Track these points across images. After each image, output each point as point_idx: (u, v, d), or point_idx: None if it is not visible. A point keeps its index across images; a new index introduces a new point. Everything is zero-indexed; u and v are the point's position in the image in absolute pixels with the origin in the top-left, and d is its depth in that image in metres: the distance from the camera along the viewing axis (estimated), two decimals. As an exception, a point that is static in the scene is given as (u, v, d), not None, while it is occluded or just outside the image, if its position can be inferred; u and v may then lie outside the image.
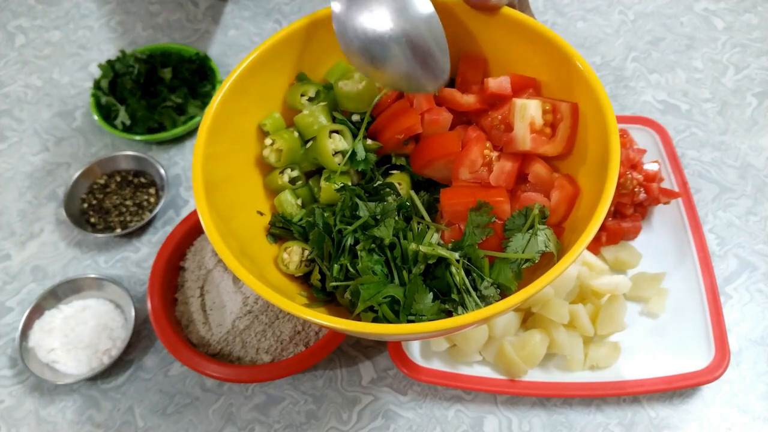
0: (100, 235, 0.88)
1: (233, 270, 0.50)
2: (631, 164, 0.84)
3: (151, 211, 0.92)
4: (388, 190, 0.60)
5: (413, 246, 0.55)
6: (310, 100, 0.63)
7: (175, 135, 0.97)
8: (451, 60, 0.65)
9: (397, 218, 0.57)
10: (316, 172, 0.64)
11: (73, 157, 0.99)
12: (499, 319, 0.74)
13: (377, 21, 0.55)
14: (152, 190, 0.94)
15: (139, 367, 0.80)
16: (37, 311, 0.81)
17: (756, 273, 0.85)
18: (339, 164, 0.60)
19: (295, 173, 0.63)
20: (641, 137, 0.92)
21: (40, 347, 0.79)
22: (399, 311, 0.53)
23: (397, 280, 0.55)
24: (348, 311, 0.57)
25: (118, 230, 0.89)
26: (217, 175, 0.57)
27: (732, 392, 0.77)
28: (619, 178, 0.82)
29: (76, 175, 0.93)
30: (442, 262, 0.55)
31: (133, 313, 0.80)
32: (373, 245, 0.56)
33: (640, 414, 0.75)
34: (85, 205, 0.93)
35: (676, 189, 0.87)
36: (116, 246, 0.90)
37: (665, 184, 0.87)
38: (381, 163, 0.64)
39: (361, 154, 0.61)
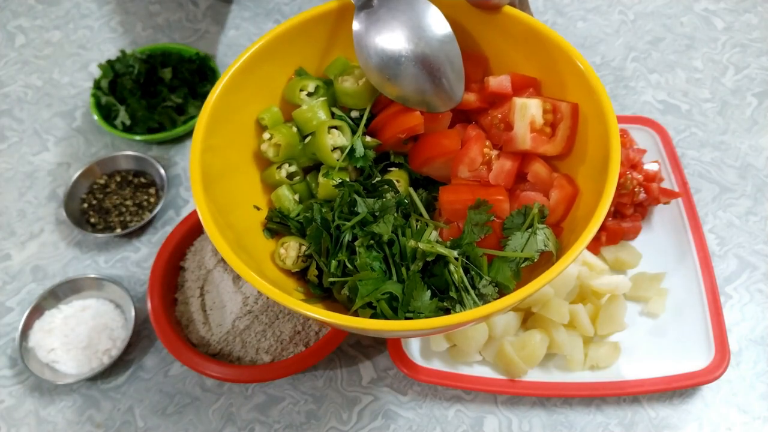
0: (100, 235, 0.88)
1: (230, 263, 0.50)
2: (631, 164, 0.84)
3: (151, 211, 0.92)
4: (386, 187, 0.60)
5: (412, 243, 0.55)
6: (309, 95, 0.63)
7: (175, 135, 0.97)
8: None
9: (395, 215, 0.57)
10: (313, 167, 0.64)
11: (73, 157, 0.99)
12: (498, 319, 0.74)
13: (394, 41, 0.57)
14: (152, 190, 0.94)
15: (139, 367, 0.80)
16: (37, 311, 0.81)
17: (756, 273, 0.85)
18: (337, 160, 0.60)
19: (293, 168, 0.63)
20: (641, 137, 0.92)
21: (40, 347, 0.79)
22: (397, 308, 0.53)
23: (395, 277, 0.55)
24: (345, 308, 0.57)
25: (118, 230, 0.89)
26: (214, 168, 0.56)
27: (732, 392, 0.77)
28: (619, 178, 0.81)
29: (76, 175, 0.93)
30: (441, 259, 0.55)
31: (133, 313, 0.80)
32: (371, 241, 0.56)
33: (640, 414, 0.75)
34: (85, 205, 0.93)
35: (676, 189, 0.87)
36: (116, 246, 0.90)
37: (665, 184, 0.87)
38: (379, 160, 0.64)
39: (360, 150, 0.61)
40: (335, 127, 0.61)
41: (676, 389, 0.74)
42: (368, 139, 0.62)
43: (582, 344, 0.76)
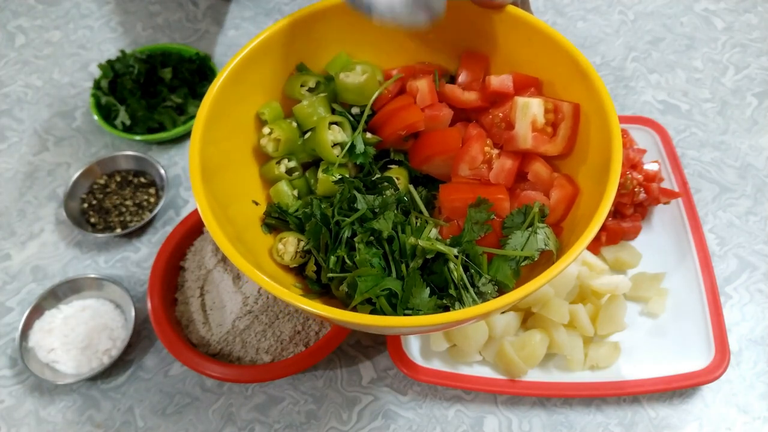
0: (100, 235, 0.88)
1: (229, 255, 0.50)
2: (631, 164, 0.84)
3: (151, 211, 0.92)
4: (386, 184, 0.60)
5: (412, 240, 0.55)
6: (310, 90, 0.62)
7: (175, 135, 0.97)
8: (454, 57, 0.64)
9: (395, 212, 0.57)
10: (312, 163, 0.64)
11: (73, 157, 0.99)
12: (498, 319, 0.74)
13: None
14: (152, 190, 0.94)
15: (139, 367, 0.80)
16: (37, 311, 0.81)
17: (756, 273, 0.85)
18: (337, 156, 0.60)
19: (292, 164, 0.62)
20: (641, 137, 0.92)
21: (40, 347, 0.79)
22: (396, 305, 0.53)
23: (394, 274, 0.55)
24: (343, 304, 0.57)
25: (118, 230, 0.89)
26: (214, 162, 0.56)
27: (732, 392, 0.77)
28: (619, 177, 0.82)
29: (76, 175, 0.93)
30: (441, 257, 0.55)
31: (133, 313, 0.80)
32: (371, 238, 0.56)
33: (640, 414, 0.75)
34: (85, 205, 0.92)
35: (676, 189, 0.87)
36: (116, 246, 0.90)
37: (665, 184, 0.87)
38: (379, 157, 0.64)
39: (360, 147, 0.60)
40: (336, 123, 0.61)
41: (676, 389, 0.74)
42: (368, 135, 0.62)
43: (582, 344, 0.75)
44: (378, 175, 0.62)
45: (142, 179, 0.95)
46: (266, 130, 0.61)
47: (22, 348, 0.78)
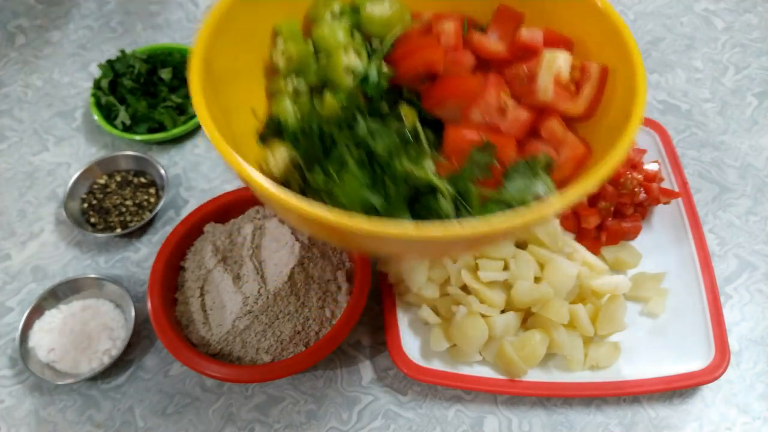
0: (100, 235, 0.88)
1: (220, 150, 0.46)
2: (631, 164, 0.84)
3: (151, 211, 0.92)
4: (393, 118, 0.57)
5: (406, 164, 0.51)
6: (333, 16, 0.61)
7: (175, 135, 0.97)
8: (487, 10, 0.62)
9: (395, 138, 0.54)
10: (320, 90, 0.62)
11: (73, 157, 0.99)
12: (498, 319, 0.74)
13: None
14: (152, 190, 0.94)
15: (139, 367, 0.80)
16: (37, 311, 0.81)
17: (756, 273, 0.85)
18: (349, 83, 0.58)
19: (300, 83, 0.61)
20: (641, 137, 0.92)
21: (40, 347, 0.79)
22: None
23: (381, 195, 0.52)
24: None
25: (118, 230, 0.89)
26: (219, 68, 0.54)
27: (732, 392, 0.77)
28: (619, 178, 0.82)
29: (76, 175, 0.93)
30: (433, 193, 0.52)
31: (133, 313, 0.80)
32: (364, 158, 0.53)
33: (640, 414, 0.75)
34: (85, 205, 0.93)
35: (676, 189, 0.87)
36: (116, 246, 0.90)
37: (665, 184, 0.87)
38: (390, 96, 0.61)
39: (374, 77, 0.58)
40: (353, 49, 0.59)
41: (676, 389, 0.74)
42: (384, 68, 0.60)
43: (582, 344, 0.75)
44: (386, 111, 0.59)
45: (142, 179, 0.95)
46: (280, 44, 0.59)
47: (22, 348, 0.78)
